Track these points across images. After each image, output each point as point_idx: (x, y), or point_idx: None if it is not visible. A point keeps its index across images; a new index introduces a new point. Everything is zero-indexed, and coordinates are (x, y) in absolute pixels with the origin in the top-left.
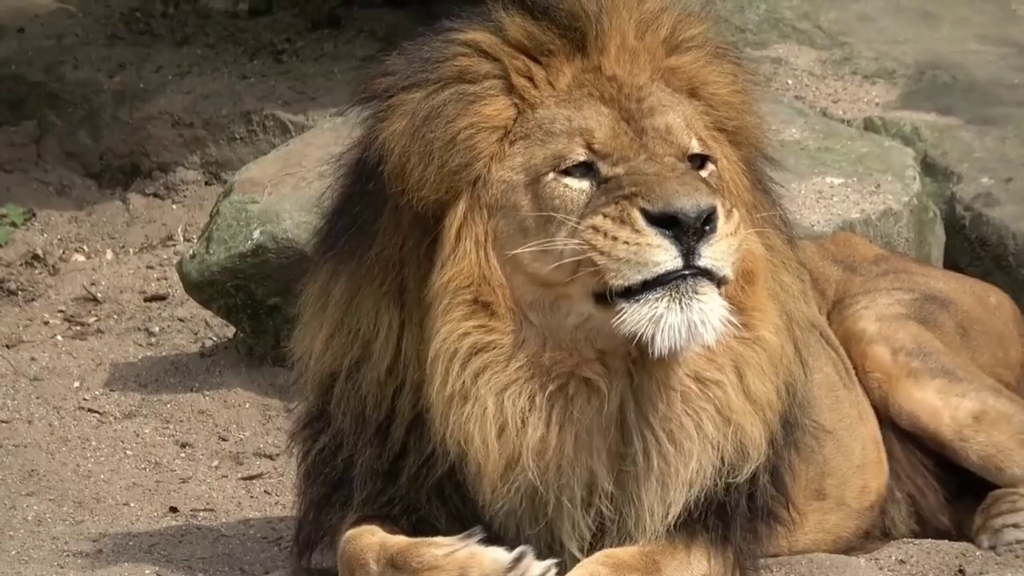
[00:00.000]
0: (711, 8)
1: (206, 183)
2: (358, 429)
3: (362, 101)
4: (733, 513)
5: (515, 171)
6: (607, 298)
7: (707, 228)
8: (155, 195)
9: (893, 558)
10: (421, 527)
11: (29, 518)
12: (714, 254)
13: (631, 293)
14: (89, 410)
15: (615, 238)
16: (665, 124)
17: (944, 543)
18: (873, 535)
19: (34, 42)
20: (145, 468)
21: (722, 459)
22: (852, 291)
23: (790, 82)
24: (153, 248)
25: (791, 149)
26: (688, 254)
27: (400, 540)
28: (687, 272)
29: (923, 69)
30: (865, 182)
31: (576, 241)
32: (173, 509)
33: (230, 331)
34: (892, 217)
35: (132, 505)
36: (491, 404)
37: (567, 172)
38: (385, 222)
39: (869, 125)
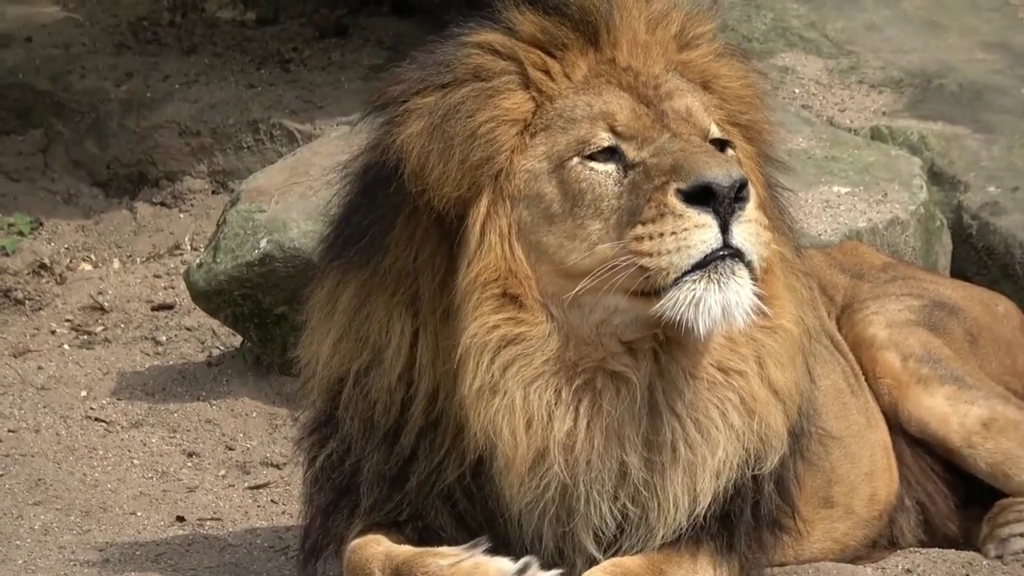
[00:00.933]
0: (718, 11)
1: (213, 192)
2: (366, 434)
3: (375, 109)
4: (738, 522)
5: (538, 160)
6: (651, 293)
7: (739, 202)
8: (162, 204)
9: (900, 567)
10: (427, 535)
11: (36, 527)
12: (744, 234)
13: (675, 281)
14: (96, 419)
15: (660, 234)
16: (685, 106)
17: (951, 552)
18: (880, 544)
19: (41, 51)
20: (152, 477)
21: (747, 449)
22: (861, 296)
23: (797, 91)
24: (160, 257)
25: (798, 158)
26: (724, 229)
27: (406, 550)
28: (724, 253)
29: (930, 78)
30: (872, 191)
31: (625, 258)
32: (180, 518)
33: (237, 340)
34: (899, 226)
35: (139, 514)
36: (519, 397)
37: (592, 157)
38: (398, 233)
39: (876, 134)
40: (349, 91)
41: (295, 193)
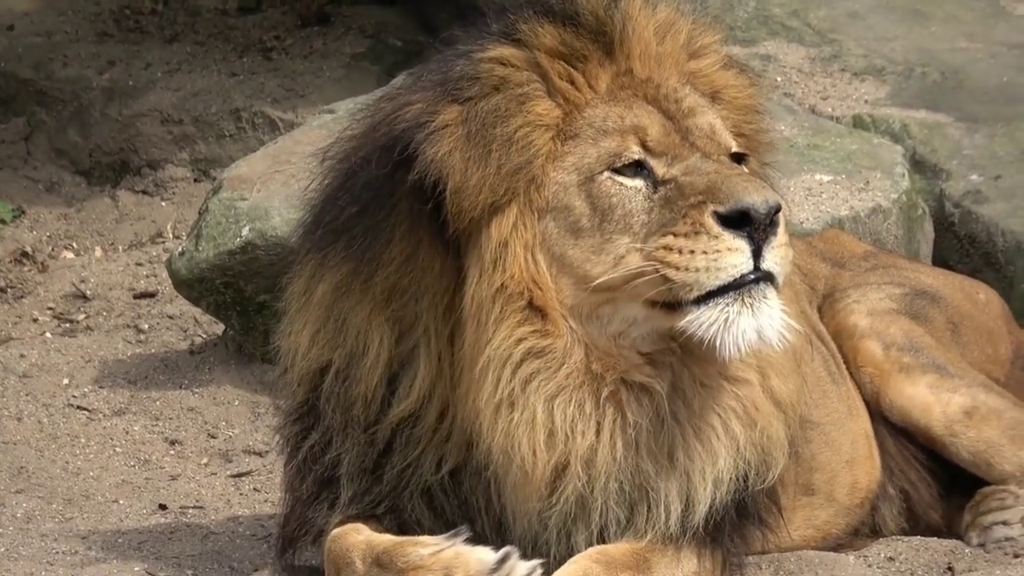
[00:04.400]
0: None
1: (195, 180)
2: (346, 427)
3: (390, 137)
4: (724, 518)
5: (567, 171)
6: (671, 305)
7: (772, 227)
8: (144, 192)
9: (882, 555)
10: (405, 527)
11: (18, 515)
12: (775, 258)
13: (700, 298)
14: (78, 407)
15: (692, 251)
16: (708, 124)
17: (933, 540)
18: (863, 532)
19: (23, 39)
20: (134, 465)
21: (748, 461)
22: (842, 285)
23: (779, 79)
24: (142, 245)
25: (780, 146)
26: (757, 254)
27: (386, 539)
28: (754, 276)
29: (912, 66)
30: (854, 179)
31: (647, 263)
32: (162, 506)
33: (219, 328)
34: (881, 214)
35: (121, 502)
36: (540, 411)
37: (621, 171)
38: (397, 248)
39: (858, 122)
40: (331, 79)
41: (277, 181)
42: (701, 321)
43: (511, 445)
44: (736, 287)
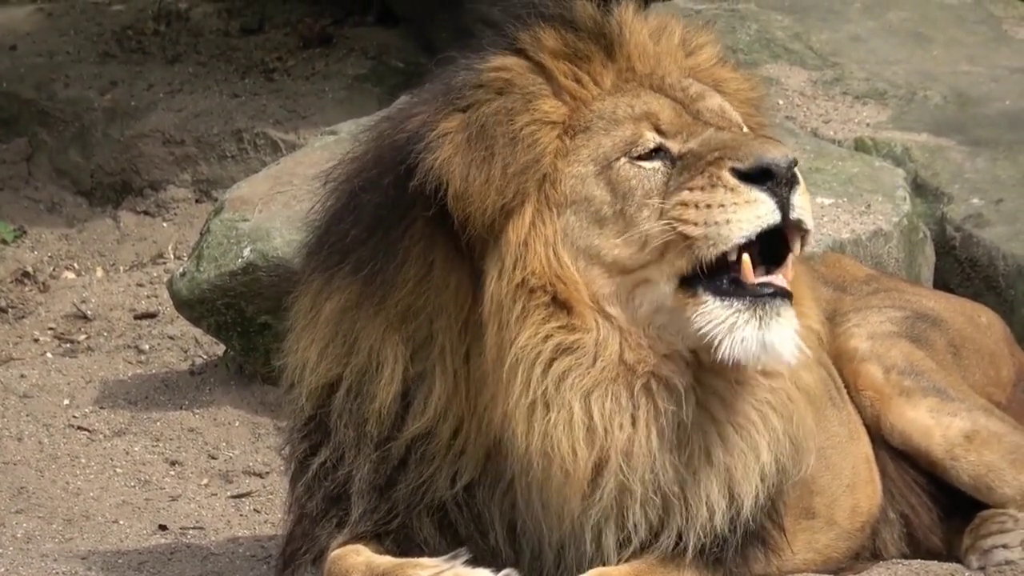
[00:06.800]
0: (713, 24)
1: (197, 201)
2: (359, 443)
3: (394, 150)
4: (728, 536)
5: (582, 163)
6: (693, 283)
7: (793, 178)
8: (146, 213)
9: None
10: (409, 547)
11: (19, 535)
12: (803, 203)
13: (720, 286)
14: (79, 428)
15: (708, 205)
16: (718, 105)
17: (933, 564)
18: (863, 556)
19: (26, 60)
20: (135, 486)
21: (785, 452)
22: (843, 309)
23: (781, 102)
24: (143, 266)
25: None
26: (783, 206)
27: (386, 561)
28: (770, 291)
29: (914, 90)
30: (856, 202)
31: (663, 222)
32: (162, 527)
33: (220, 349)
34: (882, 238)
35: (121, 523)
36: (578, 408)
37: (640, 157)
38: (411, 269)
39: (860, 145)
40: (333, 101)
41: (279, 202)
42: (711, 315)
43: (551, 446)
44: (753, 295)
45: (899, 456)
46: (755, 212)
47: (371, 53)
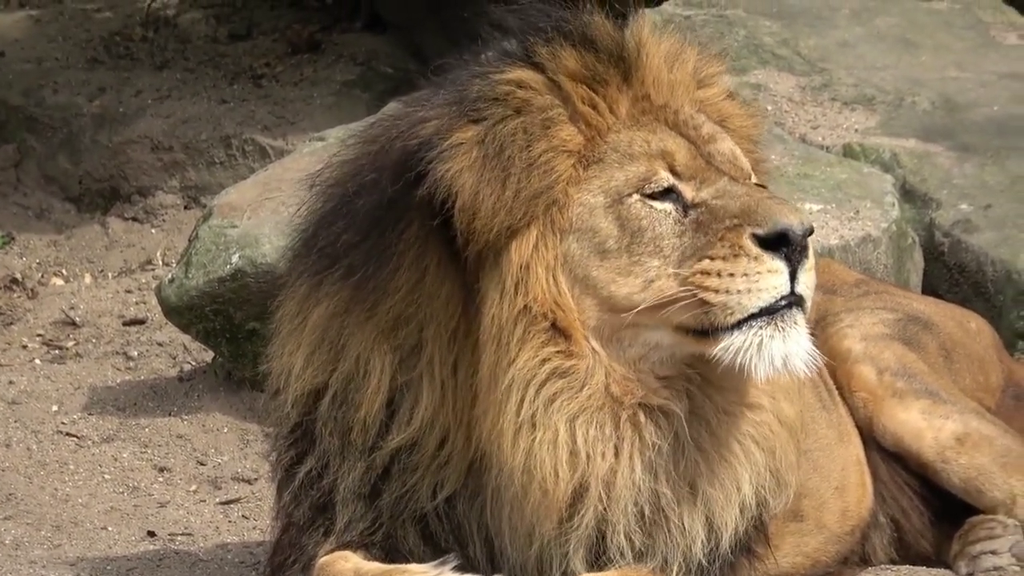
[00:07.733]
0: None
1: (185, 207)
2: (343, 451)
3: (404, 153)
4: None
5: (592, 193)
6: (703, 331)
7: (805, 248)
8: (134, 219)
9: None
10: (395, 557)
11: (7, 542)
12: (807, 281)
13: (737, 324)
14: (67, 434)
15: (731, 274)
16: (729, 150)
17: (922, 570)
18: (852, 561)
19: (14, 66)
20: (123, 492)
21: (765, 485)
22: (834, 310)
23: (769, 108)
24: (132, 272)
25: (770, 175)
26: (792, 277)
27: (374, 567)
28: (787, 301)
29: (902, 96)
30: (844, 208)
31: (683, 289)
32: (151, 533)
33: (209, 355)
34: (871, 243)
35: (110, 529)
36: (563, 431)
37: (652, 196)
38: (404, 276)
39: (848, 151)
40: (321, 107)
41: (267, 208)
42: (736, 347)
43: (533, 464)
44: (770, 312)
45: (891, 458)
46: (773, 282)
47: (359, 59)
